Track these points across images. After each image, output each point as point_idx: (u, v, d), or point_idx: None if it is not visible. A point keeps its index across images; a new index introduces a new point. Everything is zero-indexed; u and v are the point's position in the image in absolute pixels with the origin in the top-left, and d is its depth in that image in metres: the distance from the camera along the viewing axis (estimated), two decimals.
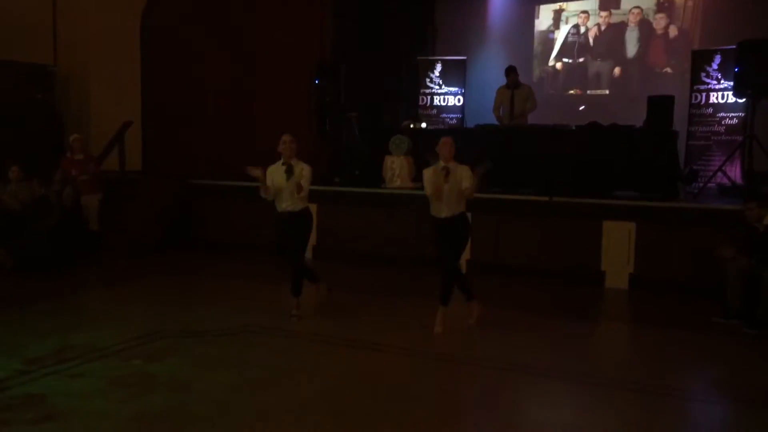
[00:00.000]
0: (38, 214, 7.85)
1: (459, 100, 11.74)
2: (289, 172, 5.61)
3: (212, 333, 5.38)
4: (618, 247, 7.23)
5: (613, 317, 6.62)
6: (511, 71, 9.50)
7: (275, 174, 5.69)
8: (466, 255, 7.58)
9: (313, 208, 8.68)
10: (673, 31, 10.88)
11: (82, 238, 8.27)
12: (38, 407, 3.87)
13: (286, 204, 5.72)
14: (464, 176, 5.32)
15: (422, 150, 8.88)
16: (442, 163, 5.36)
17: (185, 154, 10.48)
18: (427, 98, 11.83)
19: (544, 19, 11.89)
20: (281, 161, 5.71)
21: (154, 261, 8.59)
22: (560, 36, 11.75)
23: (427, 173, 5.46)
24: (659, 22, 10.96)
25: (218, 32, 10.71)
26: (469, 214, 5.80)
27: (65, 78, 10.41)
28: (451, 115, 11.73)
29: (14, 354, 4.74)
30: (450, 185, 5.28)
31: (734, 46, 8.35)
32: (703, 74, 9.57)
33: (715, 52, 9.49)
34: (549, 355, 5.03)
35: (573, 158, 8.16)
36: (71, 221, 8.07)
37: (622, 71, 11.31)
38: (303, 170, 5.70)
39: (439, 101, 11.79)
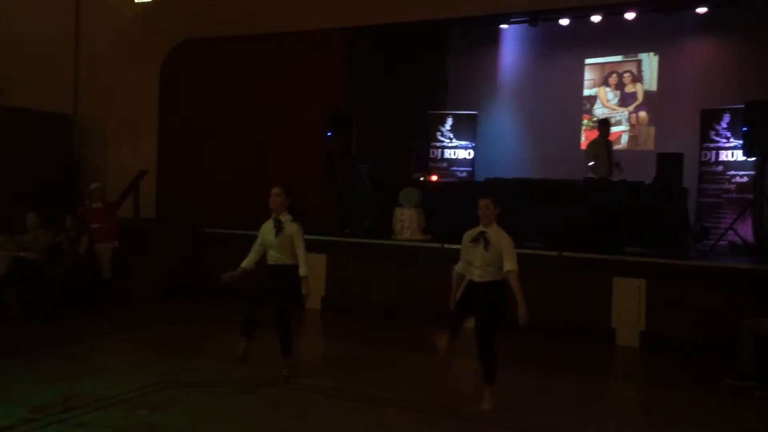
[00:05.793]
0: (51, 261, 7.91)
1: (470, 154, 11.87)
2: (279, 227, 5.46)
3: (218, 384, 5.36)
4: (629, 303, 7.18)
5: (625, 377, 6.53)
6: (605, 123, 9.46)
7: (266, 230, 5.54)
8: None
9: (322, 258, 8.78)
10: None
11: (94, 286, 8.32)
12: None
13: (275, 258, 5.53)
14: (506, 253, 4.78)
15: (431, 203, 8.99)
16: (480, 228, 4.87)
17: (199, 202, 10.59)
18: (437, 151, 11.97)
19: None
20: (273, 216, 5.54)
21: (164, 309, 8.60)
22: None
23: (465, 239, 4.96)
24: None
25: (235, 84, 10.95)
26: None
27: (83, 126, 10.62)
28: (462, 169, 11.84)
29: (20, 401, 4.72)
30: (489, 254, 4.79)
31: (743, 106, 8.46)
32: (712, 132, 9.66)
33: (724, 111, 9.60)
34: (562, 415, 4.94)
35: (583, 213, 8.17)
36: (83, 269, 8.11)
37: (634, 128, 11.41)
38: (295, 230, 5.46)
39: (450, 154, 11.92)
